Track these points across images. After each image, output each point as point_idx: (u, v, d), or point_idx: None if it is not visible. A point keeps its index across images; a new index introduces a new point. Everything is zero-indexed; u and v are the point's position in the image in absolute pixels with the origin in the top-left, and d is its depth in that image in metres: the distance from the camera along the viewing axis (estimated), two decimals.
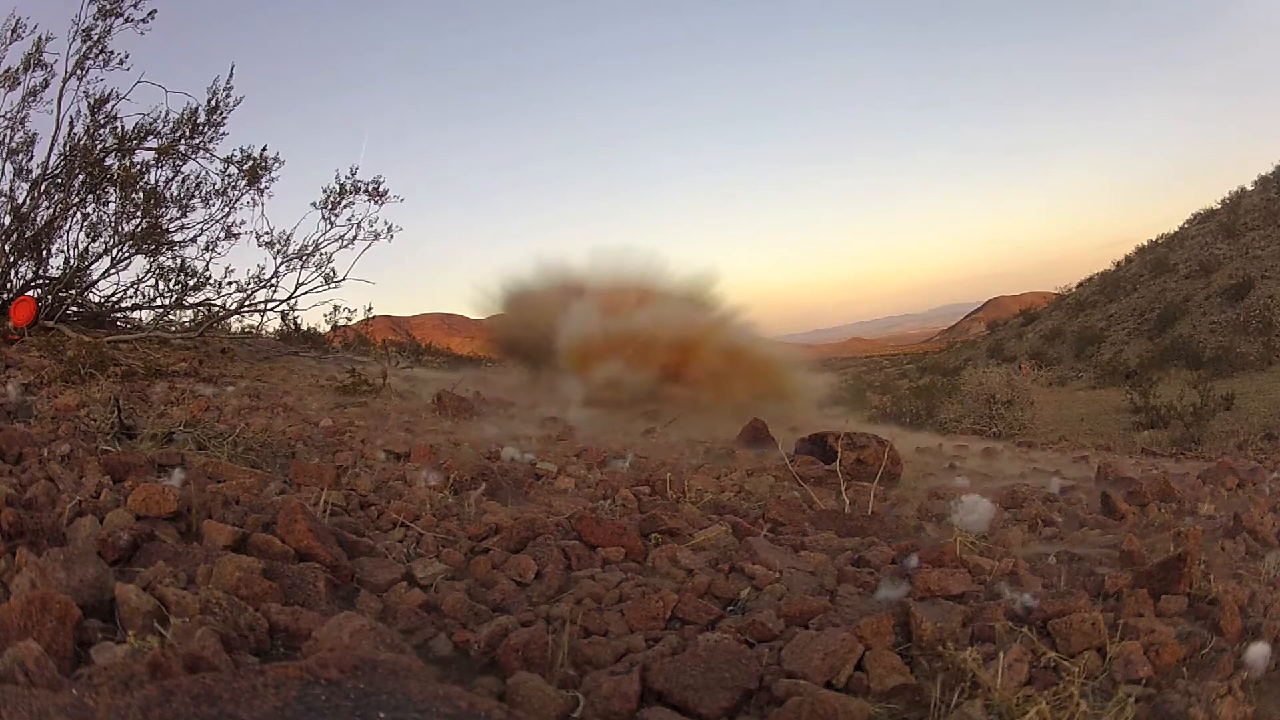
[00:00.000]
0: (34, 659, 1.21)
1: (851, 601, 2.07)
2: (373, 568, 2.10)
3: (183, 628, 1.44)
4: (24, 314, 6.54)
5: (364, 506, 2.79)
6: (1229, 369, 21.42)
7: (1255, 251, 29.51)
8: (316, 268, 7.96)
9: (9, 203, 7.06)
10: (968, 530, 2.75)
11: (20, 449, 2.86)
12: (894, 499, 3.80)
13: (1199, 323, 27.30)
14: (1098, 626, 1.75)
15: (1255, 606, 2.05)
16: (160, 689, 1.11)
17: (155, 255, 7.94)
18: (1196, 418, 13.06)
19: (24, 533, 1.82)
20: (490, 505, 2.98)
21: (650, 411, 7.19)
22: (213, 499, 2.30)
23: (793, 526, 3.01)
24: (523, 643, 1.67)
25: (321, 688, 1.16)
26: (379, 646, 1.47)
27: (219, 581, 1.74)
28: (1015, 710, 1.49)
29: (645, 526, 2.70)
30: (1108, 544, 2.75)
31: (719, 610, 2.03)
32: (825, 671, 1.64)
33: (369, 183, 7.95)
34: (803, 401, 8.76)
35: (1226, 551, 2.73)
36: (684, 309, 8.81)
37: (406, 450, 3.91)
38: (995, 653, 1.65)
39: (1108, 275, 37.82)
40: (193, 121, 7.58)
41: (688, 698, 1.54)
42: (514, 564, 2.26)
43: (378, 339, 12.61)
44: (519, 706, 1.45)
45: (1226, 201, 35.22)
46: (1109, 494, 3.58)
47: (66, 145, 7.17)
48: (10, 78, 7.18)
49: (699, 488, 3.64)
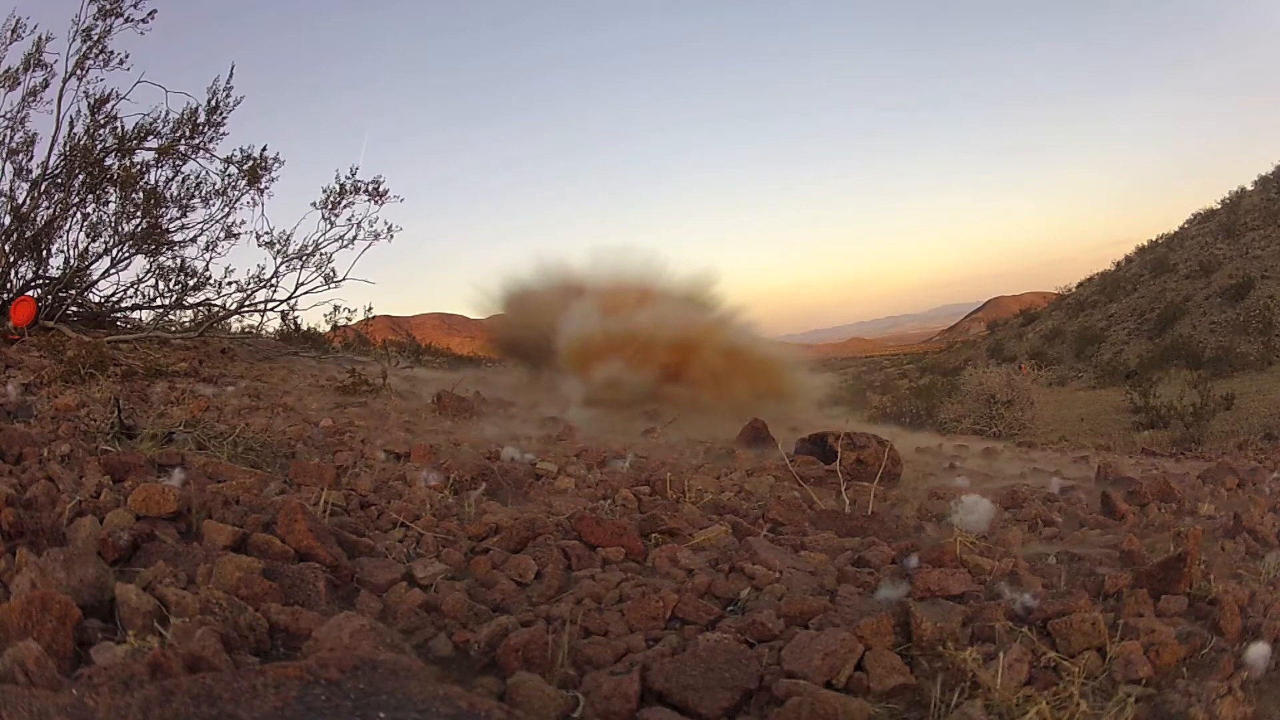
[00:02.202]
0: (34, 659, 1.21)
1: (852, 601, 2.07)
2: (373, 568, 2.10)
3: (183, 628, 1.44)
4: (24, 314, 6.54)
5: (364, 506, 2.79)
6: (1229, 369, 21.43)
7: (1255, 251, 29.51)
8: (316, 268, 7.95)
9: (9, 203, 7.06)
10: (968, 530, 2.75)
11: (20, 449, 2.86)
12: (894, 499, 3.80)
13: (1199, 323, 27.30)
14: (1098, 626, 1.75)
15: (1255, 606, 2.05)
16: (160, 689, 1.11)
17: (155, 255, 7.94)
18: (1196, 418, 13.07)
19: (24, 532, 1.82)
20: (490, 505, 2.98)
21: (650, 411, 7.19)
22: (213, 499, 2.30)
23: (793, 526, 3.01)
24: (523, 643, 1.66)
25: (321, 688, 1.16)
26: (379, 646, 1.47)
27: (219, 581, 1.74)
28: (1015, 710, 1.49)
29: (645, 526, 2.70)
30: (1108, 544, 2.75)
31: (719, 610, 2.03)
32: (825, 671, 1.64)
33: (369, 183, 7.94)
34: (803, 401, 8.76)
35: (1226, 551, 2.74)
36: (684, 309, 8.81)
37: (406, 450, 3.91)
38: (995, 653, 1.65)
39: (1108, 275, 37.82)
40: (193, 121, 7.58)
41: (688, 698, 1.54)
42: (514, 564, 2.26)
43: (378, 339, 12.60)
44: (519, 706, 1.45)
45: (1226, 201, 35.22)
46: (1109, 494, 3.58)
47: (66, 145, 7.17)
48: (10, 78, 7.17)
49: (699, 488, 3.64)
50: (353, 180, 7.91)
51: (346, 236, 7.94)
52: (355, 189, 7.91)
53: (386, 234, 8.00)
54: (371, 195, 7.93)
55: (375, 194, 7.94)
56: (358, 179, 7.94)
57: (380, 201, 7.96)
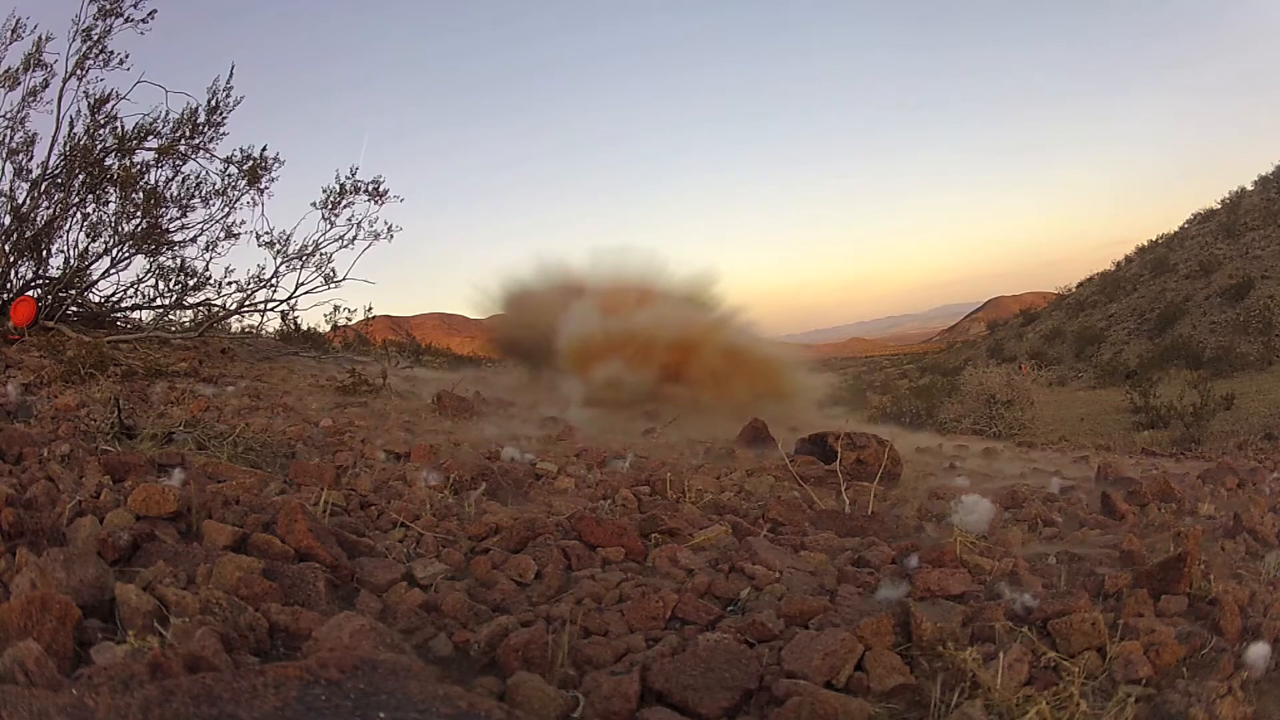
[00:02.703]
0: (34, 659, 1.21)
1: (852, 601, 2.07)
2: (373, 568, 2.10)
3: (183, 628, 1.44)
4: (24, 314, 6.54)
5: (364, 506, 2.79)
6: (1229, 369, 21.42)
7: (1255, 251, 29.50)
8: (316, 268, 7.94)
9: (9, 203, 7.06)
10: (968, 530, 2.75)
11: (20, 449, 2.86)
12: (894, 499, 3.80)
13: (1199, 323, 27.29)
14: (1098, 626, 1.75)
15: (1255, 606, 2.05)
16: (160, 689, 1.11)
17: (155, 255, 7.94)
18: (1196, 418, 13.07)
19: (24, 532, 1.82)
20: (490, 505, 2.98)
21: (650, 411, 7.19)
22: (213, 499, 2.30)
23: (793, 526, 3.01)
24: (523, 643, 1.67)
25: (321, 688, 1.16)
26: (379, 646, 1.47)
27: (219, 581, 1.74)
28: (1015, 710, 1.49)
29: (645, 526, 2.70)
30: (1108, 544, 2.75)
31: (719, 610, 2.03)
32: (825, 672, 1.64)
33: (369, 183, 7.94)
34: (803, 401, 8.75)
35: (1226, 551, 2.74)
36: (684, 309, 8.80)
37: (406, 450, 3.91)
38: (995, 653, 1.65)
39: (1108, 275, 37.80)
40: (192, 121, 7.58)
41: (688, 698, 1.54)
42: (514, 564, 2.26)
43: (378, 339, 12.59)
44: (519, 706, 1.45)
45: (1226, 201, 35.21)
46: (1109, 494, 3.58)
47: (66, 145, 7.17)
48: (10, 78, 7.17)
49: (699, 488, 3.64)
50: (353, 180, 7.92)
51: (346, 236, 7.95)
52: (355, 189, 7.91)
53: (386, 234, 8.00)
54: (371, 195, 7.94)
55: (375, 194, 7.94)
56: (358, 179, 7.94)
57: (380, 201, 7.97)
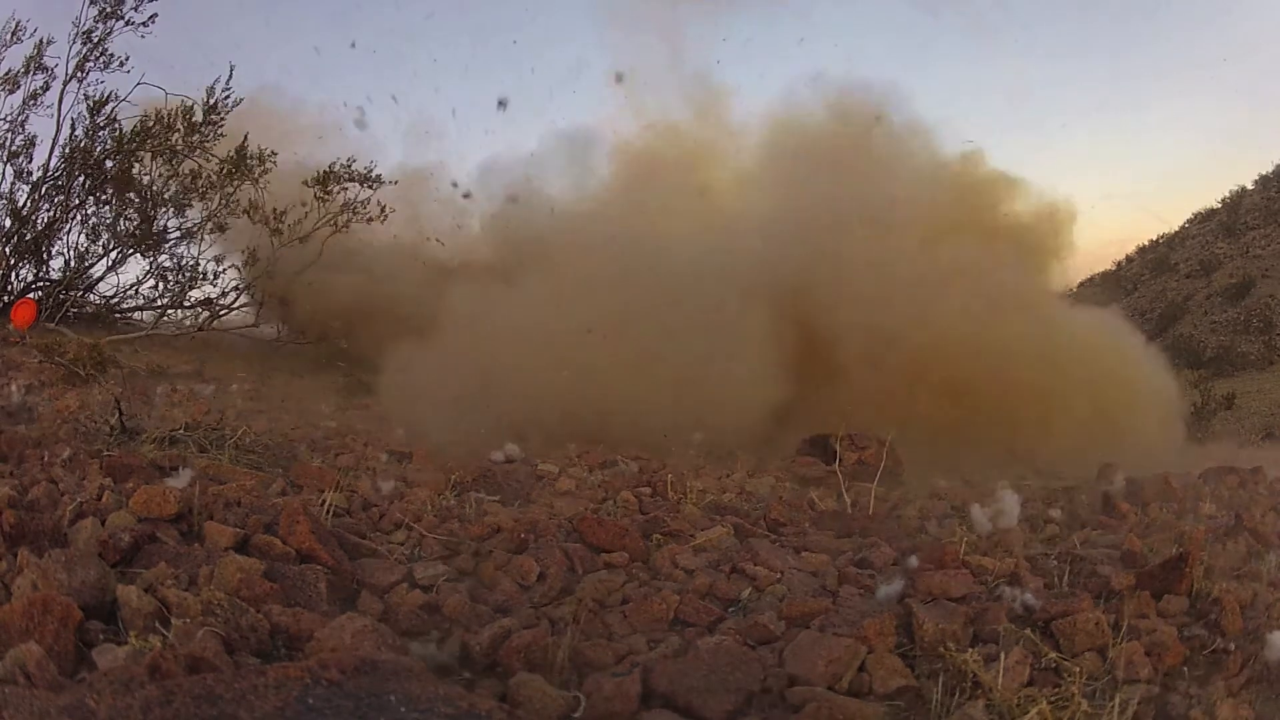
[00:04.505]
0: (35, 660, 1.21)
1: (853, 602, 2.07)
2: (374, 569, 2.10)
3: (184, 629, 1.44)
4: (25, 316, 6.53)
5: (366, 508, 2.79)
6: (1229, 368, 21.37)
7: (1256, 251, 29.46)
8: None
9: (9, 205, 7.07)
10: (998, 525, 2.80)
11: (22, 451, 2.86)
12: (895, 500, 3.79)
13: (1199, 322, 27.24)
14: (1101, 627, 1.75)
15: (1256, 607, 2.05)
16: (161, 690, 1.11)
17: (154, 255, 7.95)
18: (1197, 417, 13.04)
19: (26, 534, 1.82)
20: (492, 506, 2.98)
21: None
22: (214, 500, 2.29)
23: (794, 527, 3.01)
24: (525, 644, 1.67)
25: (323, 688, 1.16)
26: (380, 647, 1.48)
27: (220, 583, 1.73)
28: (1016, 711, 1.49)
29: (647, 528, 2.69)
30: (1109, 544, 2.75)
31: (720, 612, 2.03)
32: (828, 676, 1.64)
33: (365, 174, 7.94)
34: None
35: (1228, 552, 2.73)
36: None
37: (409, 451, 3.91)
38: (997, 654, 1.65)
39: (1108, 275, 37.73)
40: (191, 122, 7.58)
41: (693, 700, 1.54)
42: (516, 565, 2.26)
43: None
44: (520, 707, 1.45)
45: (1227, 201, 35.16)
46: (1109, 494, 3.57)
47: (66, 148, 7.19)
48: (11, 81, 7.19)
49: (700, 489, 3.63)
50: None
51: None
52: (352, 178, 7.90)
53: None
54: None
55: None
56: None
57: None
